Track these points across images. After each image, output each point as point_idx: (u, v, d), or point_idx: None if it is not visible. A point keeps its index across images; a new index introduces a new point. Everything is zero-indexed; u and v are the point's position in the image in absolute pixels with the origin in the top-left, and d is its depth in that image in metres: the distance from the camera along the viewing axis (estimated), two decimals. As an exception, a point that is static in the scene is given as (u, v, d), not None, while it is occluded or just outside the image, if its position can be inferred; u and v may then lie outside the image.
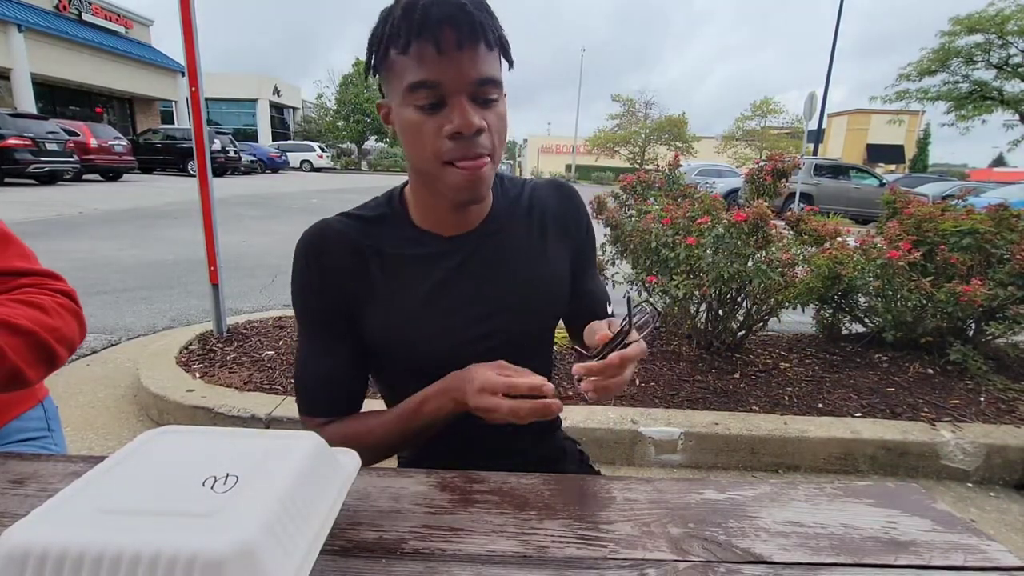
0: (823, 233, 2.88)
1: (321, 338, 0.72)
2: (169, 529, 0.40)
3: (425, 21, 0.56)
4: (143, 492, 0.45)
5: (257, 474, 0.47)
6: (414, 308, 0.70)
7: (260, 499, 0.44)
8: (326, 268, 0.69)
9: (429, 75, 0.58)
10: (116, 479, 0.46)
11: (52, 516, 0.42)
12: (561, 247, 0.78)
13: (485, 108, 0.61)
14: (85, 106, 19.60)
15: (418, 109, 0.60)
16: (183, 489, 0.45)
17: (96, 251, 5.23)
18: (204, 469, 0.47)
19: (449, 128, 0.59)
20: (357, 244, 0.70)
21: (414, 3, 0.57)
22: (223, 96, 30.13)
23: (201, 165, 2.57)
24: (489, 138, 0.62)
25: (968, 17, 15.44)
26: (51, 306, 0.78)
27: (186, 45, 2.43)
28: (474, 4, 0.58)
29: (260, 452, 0.51)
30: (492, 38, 0.59)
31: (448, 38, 0.57)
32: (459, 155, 0.60)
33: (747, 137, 32.11)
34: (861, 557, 0.53)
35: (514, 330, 0.74)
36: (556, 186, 0.80)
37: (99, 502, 0.43)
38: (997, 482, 1.99)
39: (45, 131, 10.65)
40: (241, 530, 0.40)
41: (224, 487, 0.45)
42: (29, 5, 15.90)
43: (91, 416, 2.21)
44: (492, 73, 0.60)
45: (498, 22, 0.61)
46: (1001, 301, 2.45)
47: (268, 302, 3.82)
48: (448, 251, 0.72)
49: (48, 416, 0.97)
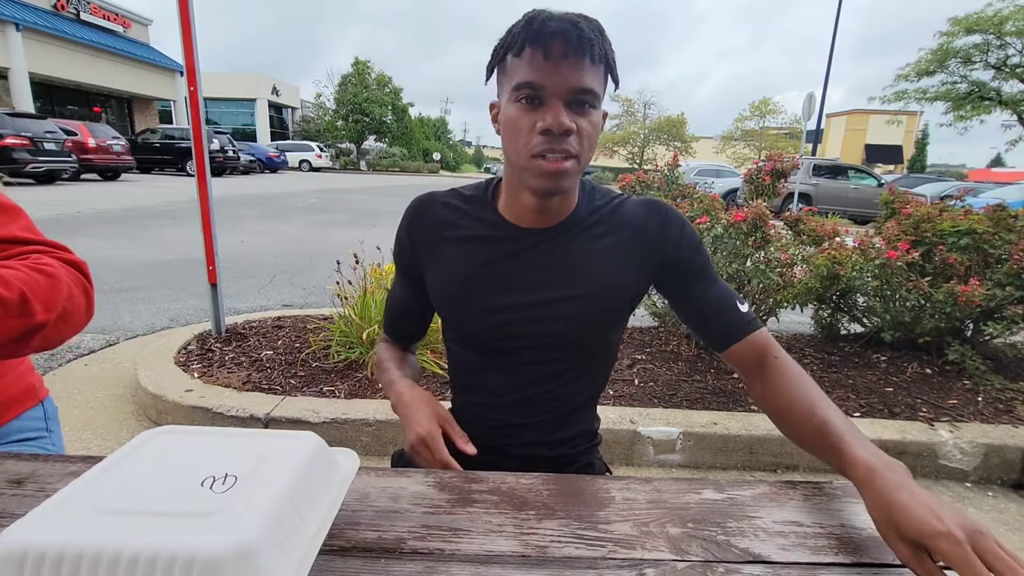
0: (821, 233, 2.89)
1: (400, 277, 0.88)
2: (167, 529, 0.40)
3: (541, 31, 0.64)
4: (141, 492, 0.45)
5: (256, 474, 0.47)
6: (467, 284, 0.78)
7: (259, 499, 0.44)
8: (415, 230, 0.82)
9: (535, 77, 0.65)
10: (114, 479, 0.46)
11: (50, 516, 0.42)
12: (635, 262, 0.77)
13: (579, 114, 0.67)
14: (83, 105, 19.57)
15: (520, 106, 0.67)
16: (182, 489, 0.45)
17: (94, 251, 5.22)
18: (203, 469, 0.47)
19: (541, 125, 0.66)
20: (443, 218, 0.81)
21: (535, 16, 0.66)
22: (222, 96, 30.08)
23: (200, 165, 2.57)
24: (578, 141, 0.68)
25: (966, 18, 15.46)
26: (56, 273, 0.71)
27: (184, 44, 2.43)
28: (588, 24, 0.66)
29: (259, 452, 0.51)
30: (597, 54, 0.65)
31: (557, 48, 0.64)
32: (547, 149, 0.67)
33: (746, 137, 32.16)
34: (860, 557, 0.53)
35: (557, 331, 0.77)
36: (646, 203, 0.80)
37: (97, 502, 0.43)
38: (995, 482, 1.99)
39: (43, 130, 10.63)
40: (240, 530, 0.40)
41: (223, 487, 0.45)
42: (27, 4, 15.88)
43: (89, 416, 2.21)
44: (591, 85, 0.66)
45: (608, 44, 0.68)
46: (999, 301, 2.45)
47: (267, 302, 3.82)
48: (516, 239, 0.77)
49: (47, 416, 0.97)
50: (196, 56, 2.45)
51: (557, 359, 0.79)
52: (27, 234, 0.77)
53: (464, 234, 0.79)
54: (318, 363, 2.45)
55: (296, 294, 4.09)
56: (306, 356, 2.50)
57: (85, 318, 0.77)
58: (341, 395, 2.17)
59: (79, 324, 0.76)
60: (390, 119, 31.17)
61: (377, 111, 29.94)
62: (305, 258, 5.37)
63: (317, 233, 7.04)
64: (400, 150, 31.05)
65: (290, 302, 3.84)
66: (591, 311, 0.76)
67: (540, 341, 0.77)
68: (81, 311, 0.75)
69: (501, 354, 0.80)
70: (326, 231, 7.24)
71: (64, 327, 0.72)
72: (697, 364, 2.58)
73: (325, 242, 6.16)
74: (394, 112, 31.23)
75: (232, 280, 4.22)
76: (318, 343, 2.57)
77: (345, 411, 2.02)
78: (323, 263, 5.01)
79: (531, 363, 0.79)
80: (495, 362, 0.81)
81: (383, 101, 30.25)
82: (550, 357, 0.78)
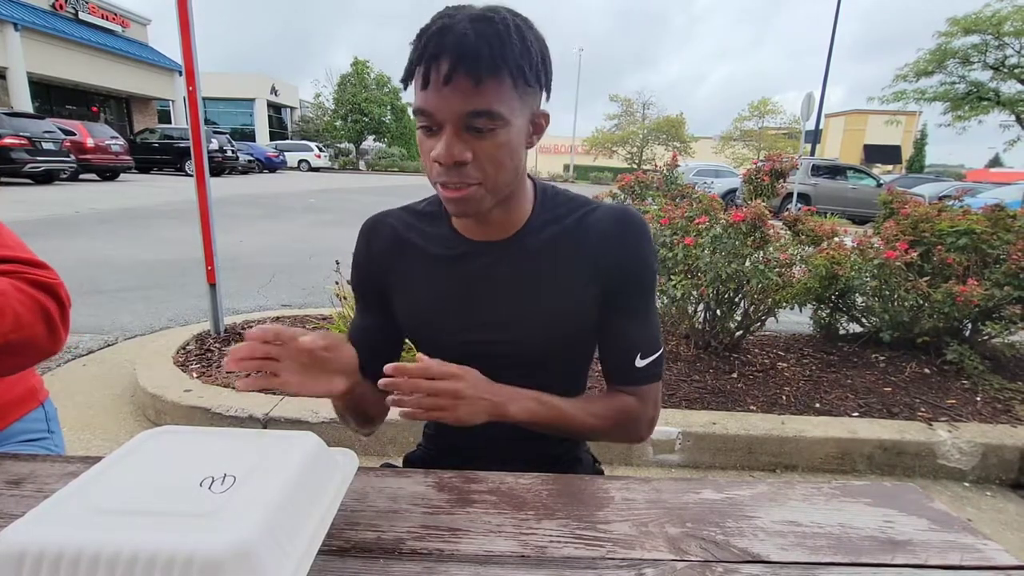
0: (820, 233, 2.89)
1: (361, 305, 0.84)
2: (166, 529, 0.40)
3: (424, 51, 0.59)
4: (140, 492, 0.45)
5: (254, 474, 0.47)
6: (433, 303, 0.77)
7: (258, 499, 0.44)
8: (372, 252, 0.80)
9: (422, 103, 0.62)
10: (113, 479, 0.46)
11: (48, 516, 0.42)
12: (591, 275, 0.74)
13: (477, 139, 0.62)
14: (82, 105, 19.54)
15: (420, 130, 0.65)
16: (180, 489, 0.45)
17: (93, 251, 5.22)
18: (202, 469, 0.47)
19: (433, 154, 0.62)
20: (401, 237, 0.79)
21: (426, 30, 0.60)
22: (220, 95, 30.03)
23: (198, 165, 2.56)
24: (477, 167, 0.63)
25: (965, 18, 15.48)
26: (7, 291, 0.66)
27: (183, 44, 2.42)
28: (481, 32, 0.57)
29: (258, 452, 0.51)
30: (489, 67, 0.58)
31: (438, 71, 0.58)
32: (442, 180, 0.64)
33: (745, 137, 32.19)
34: (858, 556, 0.53)
35: (522, 344, 0.75)
36: (615, 213, 0.74)
37: (96, 502, 0.43)
38: (993, 481, 2.00)
39: (41, 130, 10.61)
40: (239, 530, 0.40)
41: (221, 487, 0.45)
42: (26, 4, 15.84)
43: (88, 416, 2.21)
44: (484, 105, 0.59)
45: (514, 44, 0.59)
46: (997, 301, 2.45)
47: (266, 302, 3.82)
48: (474, 255, 0.75)
49: (48, 417, 0.98)
50: (195, 56, 2.45)
51: (528, 372, 0.75)
52: (9, 252, 0.72)
53: (422, 251, 0.77)
54: (317, 363, 2.44)
55: (295, 294, 4.08)
56: (305, 356, 2.49)
57: (48, 344, 0.71)
58: (340, 395, 2.17)
59: (36, 353, 0.71)
60: (389, 119, 31.14)
61: (376, 111, 29.92)
62: (304, 258, 5.36)
63: (316, 233, 7.03)
64: (399, 150, 31.03)
65: (289, 302, 3.84)
66: (554, 328, 0.74)
67: (508, 359, 0.75)
68: (39, 338, 0.70)
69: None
70: (325, 231, 7.24)
71: (7, 357, 0.67)
72: (696, 364, 2.58)
73: (324, 242, 6.16)
74: (393, 112, 31.21)
75: (231, 280, 4.22)
76: (317, 343, 2.56)
77: (344, 411, 2.02)
78: (322, 263, 5.00)
79: (503, 378, 0.75)
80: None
81: (382, 101, 30.22)
82: (521, 372, 0.74)
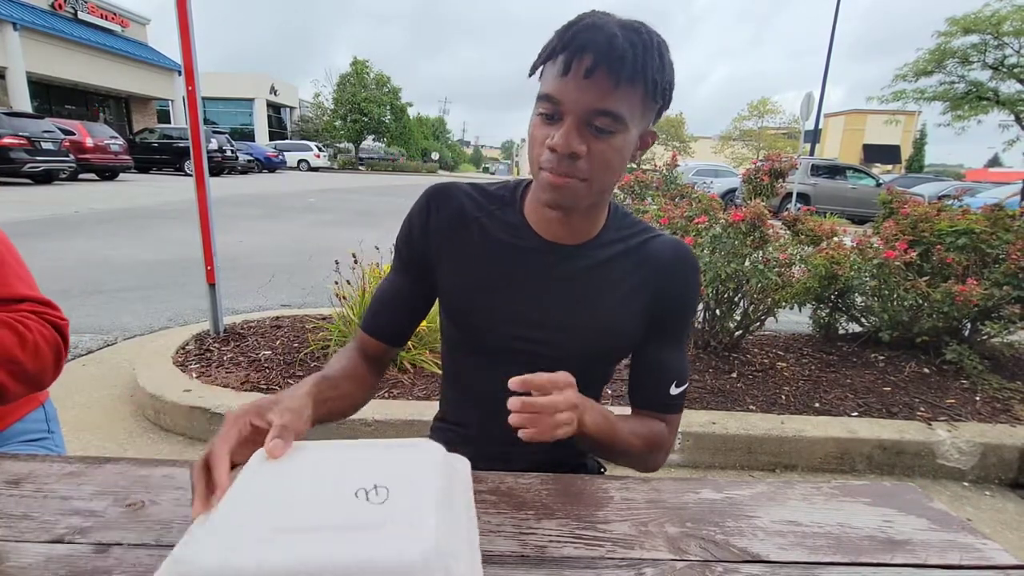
0: (820, 233, 2.89)
1: (399, 269, 0.82)
2: (356, 542, 0.41)
3: (571, 42, 0.60)
4: (304, 509, 0.44)
5: (402, 484, 0.47)
6: (488, 289, 0.76)
7: (421, 507, 0.45)
8: (433, 221, 0.77)
9: (552, 90, 0.62)
10: (267, 498, 0.46)
11: (227, 537, 0.41)
12: (641, 303, 0.76)
13: (595, 137, 0.63)
14: (81, 105, 19.53)
15: (539, 116, 0.65)
16: (341, 502, 0.45)
17: (92, 251, 5.21)
18: (350, 482, 0.47)
19: (550, 142, 0.63)
20: (468, 214, 0.77)
21: (575, 23, 0.62)
22: (220, 95, 30.01)
23: (198, 164, 2.56)
24: (587, 164, 0.64)
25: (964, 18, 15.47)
26: (33, 340, 0.76)
27: (183, 44, 2.42)
28: (629, 39, 0.59)
29: (394, 462, 0.51)
30: (629, 74, 0.60)
31: (580, 62, 0.60)
32: (549, 166, 0.64)
33: (744, 137, 32.19)
34: (858, 556, 0.53)
35: (566, 350, 0.76)
36: (676, 247, 0.77)
37: (268, 520, 0.43)
38: (993, 481, 2.00)
39: (41, 130, 10.59)
40: (422, 540, 0.41)
41: (379, 498, 0.45)
42: (25, 3, 15.83)
43: (88, 416, 2.21)
44: (613, 107, 0.61)
45: (652, 59, 0.61)
46: (996, 301, 2.46)
47: (265, 302, 3.81)
48: (541, 251, 0.75)
49: (48, 418, 0.98)
50: (194, 55, 2.45)
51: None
52: (24, 289, 0.82)
53: (488, 235, 0.76)
54: (316, 363, 2.44)
55: (295, 294, 4.08)
56: (304, 356, 2.49)
57: (51, 378, 0.81)
58: (340, 395, 2.17)
59: (41, 386, 0.80)
60: (388, 119, 31.15)
61: (375, 111, 29.92)
62: (304, 258, 5.36)
63: (316, 233, 7.02)
64: (399, 149, 31.03)
65: (288, 302, 3.83)
66: (601, 341, 0.76)
67: (547, 359, 0.75)
68: (47, 372, 0.79)
69: (503, 364, 0.76)
70: (325, 231, 7.23)
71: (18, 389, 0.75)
72: (696, 364, 2.58)
73: (324, 242, 6.15)
74: (392, 112, 31.21)
75: (230, 280, 4.21)
76: (316, 343, 2.57)
77: (344, 411, 2.02)
78: (322, 263, 5.00)
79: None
80: (495, 369, 0.78)
81: (381, 101, 30.23)
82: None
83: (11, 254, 0.83)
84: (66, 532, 0.53)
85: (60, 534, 0.52)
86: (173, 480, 0.62)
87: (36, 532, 0.52)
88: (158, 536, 0.53)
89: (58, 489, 0.59)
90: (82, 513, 0.55)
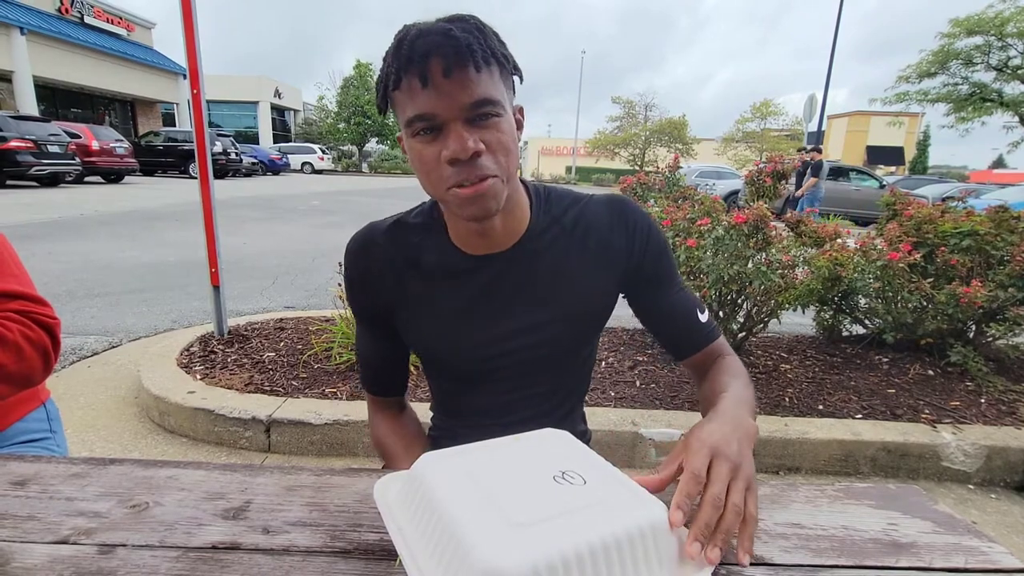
0: (823, 235, 2.88)
1: (363, 326, 0.81)
2: (601, 518, 0.43)
3: (412, 56, 0.58)
4: (527, 501, 0.45)
5: (583, 467, 0.50)
6: (444, 322, 0.75)
7: (618, 479, 0.48)
8: (366, 272, 0.76)
9: (422, 107, 0.59)
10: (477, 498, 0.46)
11: (500, 541, 0.41)
12: (604, 266, 0.75)
13: (483, 128, 0.61)
14: (87, 108, 19.65)
15: (419, 139, 0.62)
16: (552, 491, 0.47)
17: (97, 253, 5.24)
18: (537, 473, 0.49)
19: (446, 155, 0.60)
20: (396, 254, 0.75)
21: (403, 39, 0.59)
22: (224, 98, 30.19)
23: (202, 167, 2.57)
24: (491, 157, 0.62)
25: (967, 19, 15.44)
26: (13, 340, 0.76)
27: (187, 47, 2.44)
28: (462, 27, 0.59)
29: (549, 449, 0.54)
30: (482, 57, 0.58)
31: (435, 69, 0.58)
32: (460, 179, 0.61)
33: (747, 139, 32.14)
34: (862, 559, 0.53)
35: (542, 348, 0.76)
36: (609, 203, 0.76)
37: (503, 518, 0.43)
38: (998, 484, 1.99)
39: (47, 133, 10.68)
40: (652, 501, 0.46)
41: (577, 480, 0.48)
42: (31, 8, 15.95)
43: (92, 417, 2.21)
44: (486, 93, 0.60)
45: (492, 39, 0.61)
46: (1001, 303, 2.44)
47: (269, 304, 3.82)
48: (477, 269, 0.73)
49: (50, 417, 0.98)
50: (199, 59, 2.46)
51: (538, 380, 0.78)
52: (15, 285, 0.82)
53: (424, 270, 0.74)
54: (320, 365, 2.45)
55: (298, 296, 4.09)
56: (308, 358, 2.50)
57: (40, 377, 0.82)
58: (343, 397, 2.17)
59: (29, 385, 0.82)
60: (392, 121, 31.16)
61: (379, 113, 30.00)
62: (307, 260, 5.38)
63: (319, 235, 7.04)
64: (402, 152, 31.10)
65: (292, 304, 3.84)
66: (564, 332, 0.75)
67: (518, 368, 0.76)
68: (36, 372, 0.80)
69: (481, 382, 0.79)
70: (328, 233, 7.25)
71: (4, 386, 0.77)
72: (699, 366, 2.57)
73: (327, 244, 6.17)
74: (396, 114, 31.29)
75: (234, 282, 4.23)
76: (320, 345, 2.57)
77: (347, 413, 2.02)
78: (325, 265, 5.02)
79: (512, 388, 0.78)
80: (476, 389, 0.80)
81: (385, 103, 30.30)
82: (530, 380, 0.78)
83: (7, 253, 0.84)
84: (71, 533, 0.53)
85: (65, 535, 0.53)
86: (177, 481, 0.62)
87: (41, 533, 0.53)
88: (162, 537, 0.53)
89: (63, 490, 0.59)
90: (87, 514, 0.56)
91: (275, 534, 0.54)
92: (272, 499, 0.59)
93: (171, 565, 0.49)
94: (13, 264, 0.84)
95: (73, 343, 2.90)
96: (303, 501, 0.59)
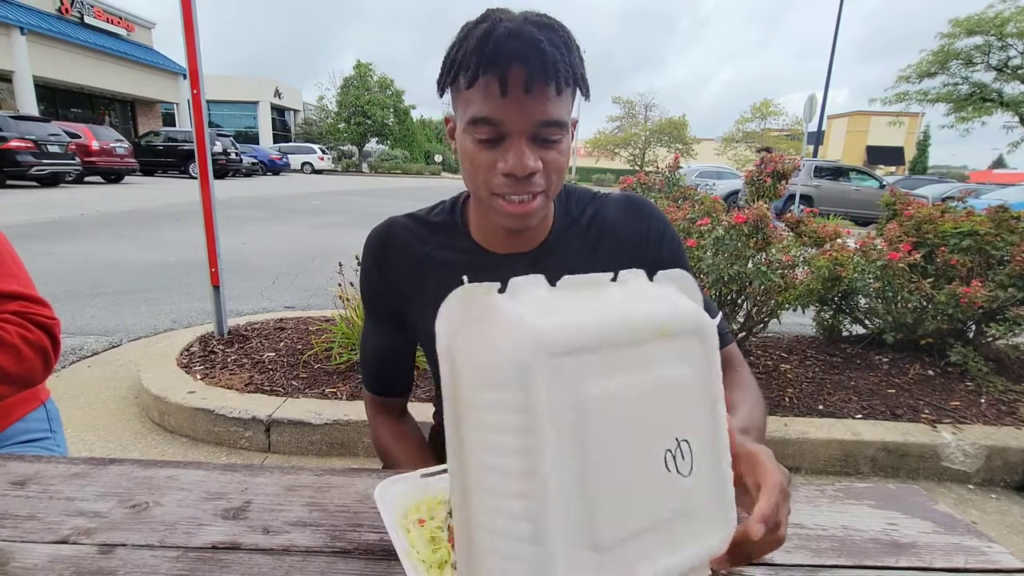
0: (823, 235, 2.88)
1: (373, 321, 0.80)
2: (671, 546, 0.40)
3: (495, 57, 0.55)
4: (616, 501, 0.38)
5: (693, 433, 0.42)
6: None
7: (724, 480, 0.44)
8: (385, 267, 0.75)
9: (492, 113, 0.57)
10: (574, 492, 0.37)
11: (581, 568, 0.36)
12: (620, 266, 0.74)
13: (545, 148, 0.60)
14: (87, 108, 19.65)
15: (477, 141, 0.60)
16: (653, 482, 0.40)
17: (97, 252, 5.24)
18: (643, 447, 0.40)
19: (503, 167, 0.59)
20: (416, 251, 0.74)
21: (489, 33, 0.56)
22: (224, 98, 30.18)
23: (202, 167, 2.57)
24: (544, 177, 0.61)
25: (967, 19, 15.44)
26: (12, 342, 0.77)
27: (187, 47, 2.44)
28: (552, 41, 0.56)
29: (684, 384, 0.44)
30: (564, 79, 0.57)
31: (516, 78, 0.56)
32: (509, 191, 0.61)
33: (747, 139, 32.15)
34: (862, 559, 0.53)
35: None
36: (623, 202, 0.76)
37: (585, 539, 0.36)
38: (998, 484, 1.98)
39: (47, 133, 10.68)
40: (728, 524, 0.43)
41: (684, 462, 0.41)
42: (31, 8, 15.95)
43: (92, 417, 2.21)
44: (558, 115, 0.59)
45: (576, 55, 0.59)
46: (1001, 303, 2.44)
47: (269, 304, 3.82)
48: (499, 268, 0.72)
49: (50, 417, 0.98)
50: (199, 59, 2.46)
51: None
52: (15, 285, 0.83)
53: (444, 267, 0.73)
54: (320, 365, 2.45)
55: (298, 296, 4.09)
56: (308, 358, 2.50)
57: (40, 378, 0.83)
58: (343, 397, 2.17)
59: (28, 385, 0.83)
60: (392, 121, 31.24)
61: (379, 113, 30.02)
62: (307, 260, 5.37)
63: (319, 235, 7.04)
64: (402, 152, 31.10)
65: (292, 304, 3.84)
66: None
67: None
68: (35, 373, 0.81)
69: None
70: (328, 233, 7.25)
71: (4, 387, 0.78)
72: (699, 366, 2.57)
73: (327, 244, 6.16)
74: (396, 114, 31.31)
75: (234, 282, 4.23)
76: (320, 345, 2.57)
77: (347, 413, 2.02)
78: (325, 265, 5.01)
79: None
80: None
81: (385, 103, 30.33)
82: None
83: (7, 252, 0.84)
84: (71, 533, 0.53)
85: (65, 535, 0.53)
86: (177, 481, 0.62)
87: (41, 533, 0.53)
88: (162, 537, 0.53)
89: (63, 490, 0.59)
90: (87, 514, 0.56)
91: (275, 534, 0.54)
92: (272, 499, 0.59)
93: (171, 565, 0.49)
94: (13, 264, 0.84)
95: (73, 343, 2.90)
96: (303, 501, 0.59)
